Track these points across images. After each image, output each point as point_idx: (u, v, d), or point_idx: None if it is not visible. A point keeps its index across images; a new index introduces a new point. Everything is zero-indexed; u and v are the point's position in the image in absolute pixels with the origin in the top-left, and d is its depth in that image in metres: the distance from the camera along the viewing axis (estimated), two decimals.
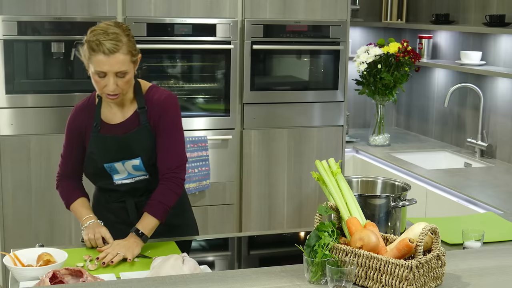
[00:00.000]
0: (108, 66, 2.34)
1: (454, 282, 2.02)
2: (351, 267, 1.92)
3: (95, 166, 2.53)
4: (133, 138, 2.49)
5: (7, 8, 3.74)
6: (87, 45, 2.38)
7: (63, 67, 3.89)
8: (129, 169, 2.52)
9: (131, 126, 2.50)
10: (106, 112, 2.53)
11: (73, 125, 2.56)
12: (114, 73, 2.36)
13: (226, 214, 4.22)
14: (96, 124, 2.51)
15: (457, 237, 2.50)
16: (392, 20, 5.19)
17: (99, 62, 2.34)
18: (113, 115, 2.53)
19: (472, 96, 4.48)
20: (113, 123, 2.52)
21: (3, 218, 3.85)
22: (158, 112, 2.50)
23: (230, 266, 2.50)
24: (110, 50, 2.33)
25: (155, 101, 2.52)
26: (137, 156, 2.49)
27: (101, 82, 2.38)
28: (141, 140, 2.49)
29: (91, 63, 2.37)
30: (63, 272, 2.08)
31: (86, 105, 2.56)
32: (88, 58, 2.38)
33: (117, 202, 2.59)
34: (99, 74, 2.37)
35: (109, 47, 2.33)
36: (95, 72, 2.37)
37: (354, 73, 4.86)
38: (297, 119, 4.30)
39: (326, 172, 2.18)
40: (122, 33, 2.39)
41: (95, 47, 2.34)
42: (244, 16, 4.11)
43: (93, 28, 2.41)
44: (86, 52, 2.39)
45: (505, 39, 4.21)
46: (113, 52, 2.34)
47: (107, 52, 2.33)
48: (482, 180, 3.80)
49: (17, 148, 3.84)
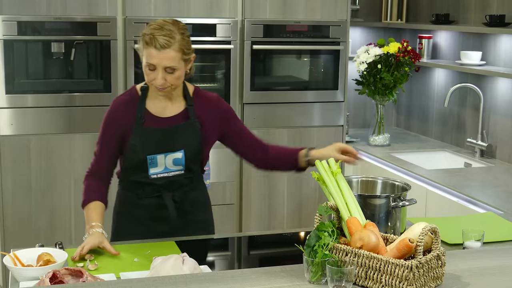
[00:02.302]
0: (157, 60, 2.42)
1: (454, 282, 2.02)
2: (351, 267, 1.92)
3: (137, 158, 2.54)
4: (179, 131, 2.55)
5: (7, 8, 3.74)
6: (142, 38, 2.46)
7: (63, 67, 3.89)
8: (169, 163, 2.56)
9: (180, 120, 2.57)
10: (153, 105, 2.57)
11: (114, 121, 2.57)
12: (163, 67, 2.44)
13: (226, 214, 4.22)
14: (141, 116, 2.54)
15: (457, 237, 2.50)
16: (392, 20, 5.19)
17: (150, 55, 2.43)
18: (162, 109, 2.57)
19: (472, 96, 4.48)
20: (163, 116, 2.57)
21: (3, 218, 3.85)
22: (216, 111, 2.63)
23: (230, 266, 2.50)
24: (162, 45, 2.41)
25: (207, 99, 2.63)
26: (181, 149, 2.55)
27: (150, 75, 2.46)
28: (187, 134, 2.56)
29: (143, 56, 2.46)
30: (63, 272, 2.08)
31: (128, 99, 2.59)
32: (142, 50, 2.46)
33: (152, 197, 2.59)
34: (149, 67, 2.45)
35: (161, 42, 2.41)
36: (146, 64, 2.45)
37: (354, 73, 4.86)
38: (297, 119, 4.30)
39: (326, 172, 2.19)
40: (177, 31, 2.46)
41: (149, 40, 2.42)
42: (244, 16, 4.11)
43: (151, 22, 2.49)
44: (141, 45, 2.47)
45: (505, 39, 4.21)
46: (164, 47, 2.42)
47: (159, 47, 2.41)
48: (482, 180, 3.80)
49: (17, 148, 3.84)
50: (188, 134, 2.56)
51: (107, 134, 2.58)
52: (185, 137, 2.56)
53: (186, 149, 2.56)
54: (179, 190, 2.60)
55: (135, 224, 2.61)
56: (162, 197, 2.58)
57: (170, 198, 2.59)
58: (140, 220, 2.60)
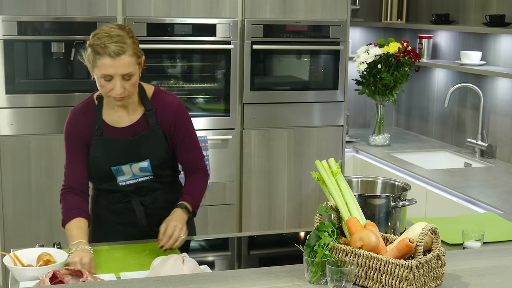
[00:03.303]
0: (114, 69, 2.31)
1: (454, 282, 2.02)
2: (351, 267, 1.92)
3: (101, 170, 2.50)
4: (142, 141, 2.48)
5: (7, 8, 3.74)
6: (91, 49, 2.34)
7: (63, 67, 3.89)
8: (136, 171, 2.51)
9: (140, 129, 2.49)
10: (109, 115, 2.50)
11: (74, 130, 2.50)
12: (120, 75, 2.33)
13: (226, 214, 4.22)
14: (98, 127, 2.47)
15: (457, 237, 2.50)
16: (392, 20, 5.19)
17: (105, 65, 2.31)
18: (118, 118, 2.50)
19: (472, 96, 4.48)
20: (119, 126, 2.49)
21: (3, 218, 3.85)
22: (174, 117, 2.51)
23: (230, 266, 2.50)
24: (115, 52, 2.30)
25: (167, 105, 2.52)
26: (146, 159, 2.49)
27: (107, 86, 2.35)
28: (150, 143, 2.49)
29: (96, 67, 2.34)
30: (63, 272, 2.08)
31: (85, 109, 2.51)
32: (93, 62, 2.34)
33: (122, 202, 2.56)
34: (105, 78, 2.33)
35: (115, 50, 2.30)
36: (101, 76, 2.33)
37: (354, 73, 4.86)
38: (297, 119, 4.30)
39: (326, 172, 2.19)
40: (126, 35, 2.37)
41: (100, 50, 2.30)
42: (244, 16, 4.11)
43: (95, 32, 2.38)
44: (90, 56, 2.35)
45: (505, 39, 4.21)
46: (118, 54, 2.31)
47: (113, 55, 2.30)
48: (482, 180, 3.80)
49: (17, 148, 3.83)
50: (151, 143, 2.49)
51: (70, 145, 2.51)
52: (147, 146, 2.49)
53: (151, 158, 2.50)
54: (149, 194, 2.56)
55: (107, 228, 2.57)
56: (130, 201, 2.55)
57: (138, 203, 2.54)
58: (111, 225, 2.57)
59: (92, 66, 2.36)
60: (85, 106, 2.52)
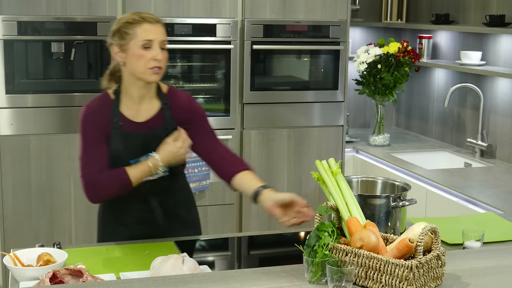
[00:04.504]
0: (154, 34, 2.38)
1: (454, 282, 2.02)
2: (351, 267, 1.92)
3: (120, 163, 2.46)
4: (160, 134, 2.49)
5: (7, 8, 3.74)
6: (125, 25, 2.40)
7: (63, 67, 3.89)
8: None
9: (156, 123, 2.51)
10: (128, 109, 2.50)
11: (91, 122, 2.46)
12: (159, 42, 2.39)
13: (226, 214, 4.22)
14: (117, 120, 2.47)
15: (457, 237, 2.50)
16: (392, 20, 5.19)
17: (146, 30, 2.38)
18: (136, 113, 2.50)
19: (472, 96, 4.48)
20: (137, 120, 2.50)
21: (3, 218, 3.85)
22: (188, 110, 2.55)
23: (230, 266, 2.50)
24: (154, 19, 2.40)
25: (181, 99, 2.56)
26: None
27: (147, 55, 2.38)
28: (165, 135, 2.50)
29: (133, 39, 2.38)
30: (63, 272, 2.08)
31: (101, 103, 2.50)
32: (130, 34, 2.39)
33: (138, 201, 2.54)
34: (144, 45, 2.38)
35: (153, 17, 2.41)
36: (141, 44, 2.37)
37: (354, 73, 4.86)
38: (297, 119, 4.30)
39: (326, 172, 2.19)
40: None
41: (138, 19, 2.39)
42: (244, 16, 4.11)
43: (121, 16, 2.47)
44: (125, 30, 2.40)
45: (505, 39, 4.21)
46: (156, 21, 2.41)
47: (152, 21, 2.39)
48: (482, 180, 3.80)
49: (17, 148, 3.84)
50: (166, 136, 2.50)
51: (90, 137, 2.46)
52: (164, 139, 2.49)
53: None
54: (165, 193, 2.57)
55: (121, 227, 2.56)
56: (148, 201, 2.54)
57: (157, 202, 2.55)
58: (126, 224, 2.56)
59: (128, 40, 2.39)
60: (100, 100, 2.52)
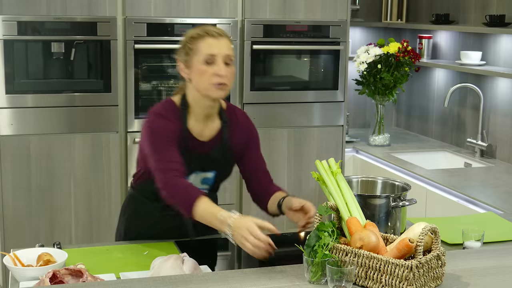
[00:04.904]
0: (217, 48, 2.31)
1: (454, 282, 2.02)
2: (351, 267, 1.92)
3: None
4: (216, 156, 2.45)
5: (7, 8, 3.74)
6: (189, 40, 2.35)
7: (63, 67, 3.89)
8: (197, 182, 2.45)
9: (215, 143, 2.45)
10: (193, 126, 2.42)
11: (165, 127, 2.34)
12: (223, 56, 2.32)
13: None
14: (185, 137, 2.39)
15: (457, 237, 2.50)
16: (392, 20, 5.19)
17: (209, 45, 2.31)
18: (200, 131, 2.43)
19: (472, 96, 4.48)
20: (201, 139, 2.43)
21: (3, 218, 3.85)
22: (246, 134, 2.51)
23: (230, 266, 2.50)
24: (218, 33, 2.34)
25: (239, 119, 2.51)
26: (213, 170, 2.47)
27: (209, 71, 2.31)
28: (221, 157, 2.46)
29: (196, 54, 2.32)
30: (63, 272, 2.08)
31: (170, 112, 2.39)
32: (193, 49, 2.33)
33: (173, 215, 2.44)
34: (207, 60, 2.31)
35: (217, 31, 2.34)
36: (204, 58, 2.31)
37: (354, 73, 4.86)
38: (297, 119, 4.30)
39: (326, 172, 2.19)
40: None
41: (202, 33, 2.33)
42: (244, 16, 4.11)
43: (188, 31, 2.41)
44: (189, 46, 2.35)
45: (505, 39, 4.21)
46: (220, 35, 2.34)
47: (216, 35, 2.33)
48: (482, 180, 3.80)
49: (17, 148, 3.84)
50: (221, 157, 2.46)
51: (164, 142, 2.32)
52: (219, 160, 2.46)
53: (218, 170, 2.49)
54: None
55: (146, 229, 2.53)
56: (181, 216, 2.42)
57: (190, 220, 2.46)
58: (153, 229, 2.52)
59: (191, 56, 2.34)
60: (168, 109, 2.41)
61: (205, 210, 2.23)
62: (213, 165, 2.47)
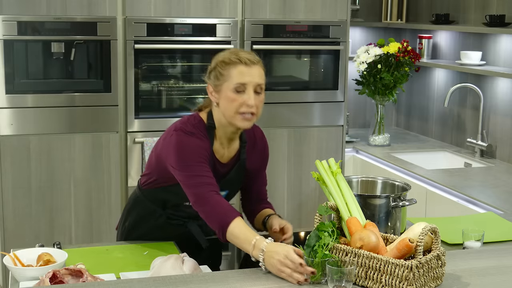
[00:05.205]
0: (249, 76, 2.23)
1: (454, 282, 2.02)
2: (351, 267, 1.92)
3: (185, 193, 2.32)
4: (232, 176, 2.44)
5: (7, 8, 3.74)
6: (220, 64, 2.27)
7: (63, 67, 3.89)
8: None
9: (232, 165, 2.43)
10: (216, 149, 2.38)
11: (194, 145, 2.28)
12: (253, 86, 2.24)
13: None
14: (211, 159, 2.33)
15: (457, 237, 2.50)
16: (392, 20, 5.19)
17: (240, 73, 2.23)
18: (222, 154, 2.41)
19: (472, 96, 4.48)
20: (222, 161, 2.41)
21: (3, 218, 3.85)
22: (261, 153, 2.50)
23: (230, 266, 2.50)
24: (250, 60, 2.25)
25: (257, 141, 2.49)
26: (226, 189, 2.46)
27: (238, 99, 2.24)
28: (235, 177, 2.45)
29: (227, 81, 2.25)
30: (63, 272, 2.08)
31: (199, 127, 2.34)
32: (224, 75, 2.25)
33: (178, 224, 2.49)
34: (238, 89, 2.24)
35: (249, 58, 2.25)
36: (234, 87, 2.24)
37: (354, 73, 4.86)
38: (297, 119, 4.30)
39: (326, 172, 2.19)
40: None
41: (234, 59, 2.24)
42: (244, 16, 4.11)
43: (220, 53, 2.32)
44: (220, 71, 2.27)
45: (505, 39, 4.21)
46: (253, 63, 2.25)
47: (248, 63, 2.24)
48: (482, 180, 3.80)
49: (17, 148, 3.83)
50: (235, 177, 2.45)
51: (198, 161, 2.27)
52: (232, 180, 2.45)
53: (230, 190, 2.49)
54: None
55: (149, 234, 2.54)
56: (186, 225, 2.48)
57: (196, 226, 2.50)
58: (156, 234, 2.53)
59: (222, 81, 2.27)
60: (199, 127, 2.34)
61: (239, 233, 2.18)
62: (227, 185, 2.45)
